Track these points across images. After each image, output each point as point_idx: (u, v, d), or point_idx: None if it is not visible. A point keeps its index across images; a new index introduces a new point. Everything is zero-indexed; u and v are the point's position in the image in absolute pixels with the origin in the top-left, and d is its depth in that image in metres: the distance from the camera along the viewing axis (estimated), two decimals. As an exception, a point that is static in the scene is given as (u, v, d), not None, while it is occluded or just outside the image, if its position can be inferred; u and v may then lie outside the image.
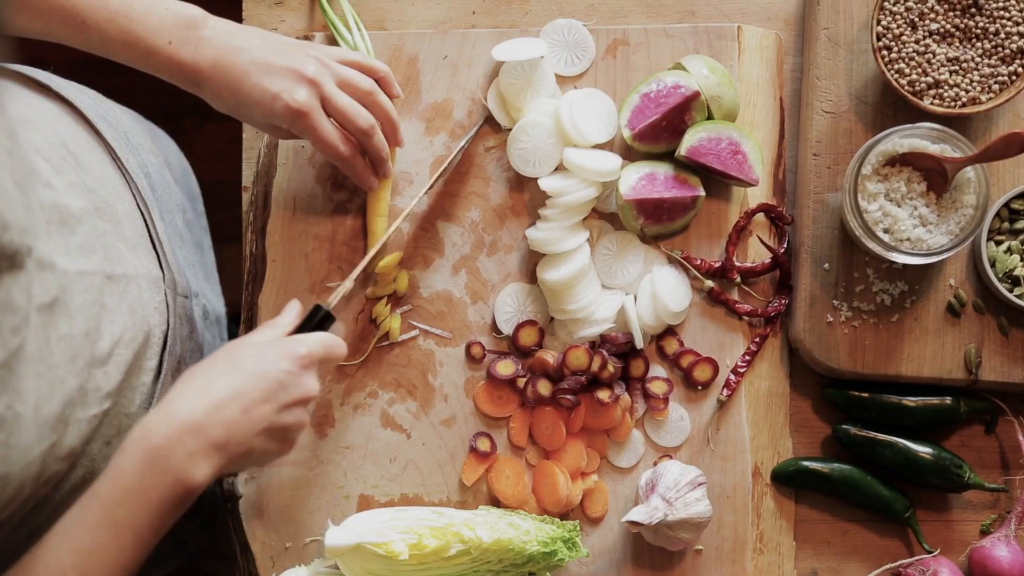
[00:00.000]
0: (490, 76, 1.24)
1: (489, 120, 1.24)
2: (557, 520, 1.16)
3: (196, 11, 1.05)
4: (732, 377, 1.20)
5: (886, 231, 1.14)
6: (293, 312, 1.05)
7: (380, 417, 1.21)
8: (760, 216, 1.23)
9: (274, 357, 0.96)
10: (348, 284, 1.10)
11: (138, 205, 1.10)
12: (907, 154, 1.13)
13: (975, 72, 1.16)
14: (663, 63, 1.24)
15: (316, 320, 1.05)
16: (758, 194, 1.24)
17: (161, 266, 1.10)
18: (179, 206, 1.29)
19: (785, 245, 1.23)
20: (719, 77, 1.19)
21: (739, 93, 1.21)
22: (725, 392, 1.20)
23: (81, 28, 1.01)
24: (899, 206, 1.14)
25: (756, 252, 1.23)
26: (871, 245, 1.13)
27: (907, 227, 1.13)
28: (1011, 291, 1.16)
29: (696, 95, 1.18)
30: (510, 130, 1.21)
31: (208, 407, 0.90)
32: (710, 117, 1.20)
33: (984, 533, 1.21)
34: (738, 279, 1.21)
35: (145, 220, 1.10)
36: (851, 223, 1.14)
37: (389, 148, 1.14)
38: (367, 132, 1.09)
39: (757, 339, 1.21)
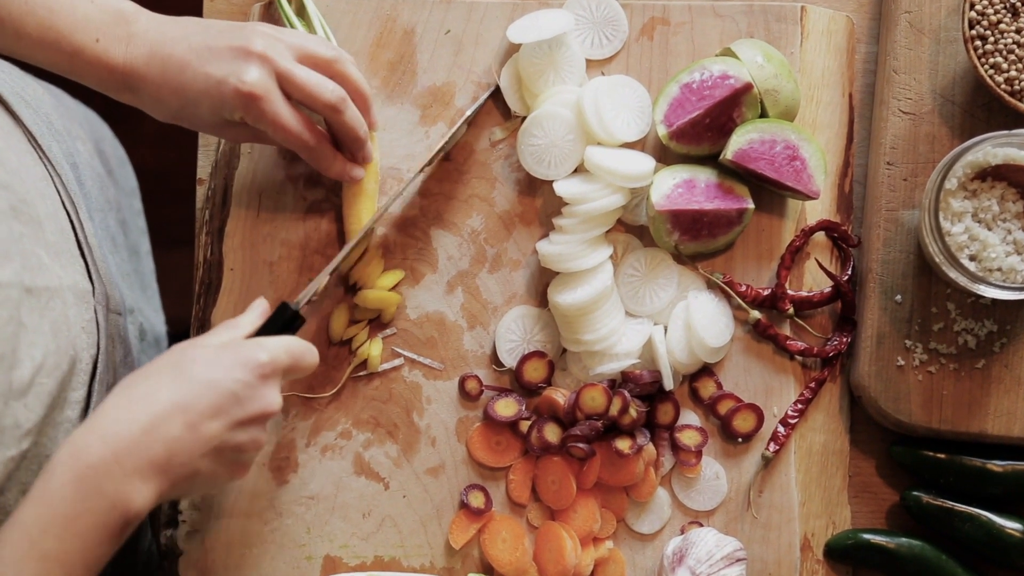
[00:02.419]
0: (501, 57, 1.21)
1: (499, 102, 1.20)
2: (562, 595, 1.12)
3: (127, 4, 1.05)
4: (780, 429, 1.17)
5: (972, 258, 1.10)
6: (258, 311, 1.04)
7: (353, 462, 1.17)
8: (820, 236, 1.20)
9: (229, 364, 0.95)
10: (323, 279, 1.08)
11: (63, 203, 1.08)
12: (1001, 166, 1.10)
13: None
14: (709, 48, 1.20)
15: (282, 321, 1.04)
16: (819, 209, 1.20)
17: (90, 277, 1.07)
18: (112, 204, 1.28)
19: (849, 272, 1.19)
20: (776, 67, 1.15)
21: (800, 87, 1.18)
22: (771, 447, 1.17)
23: None
24: (989, 229, 1.10)
25: (814, 279, 1.19)
26: (953, 275, 1.09)
27: (998, 254, 1.09)
28: (1123, 337, 1.11)
29: (748, 88, 1.14)
30: (524, 119, 1.17)
31: (147, 422, 0.90)
32: (764, 115, 1.16)
33: (1081, 629, 1.16)
34: (791, 310, 1.17)
35: (71, 221, 1.08)
36: (930, 247, 1.09)
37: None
38: (336, 106, 1.07)
39: (812, 384, 1.18)
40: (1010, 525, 1.14)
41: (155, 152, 1.54)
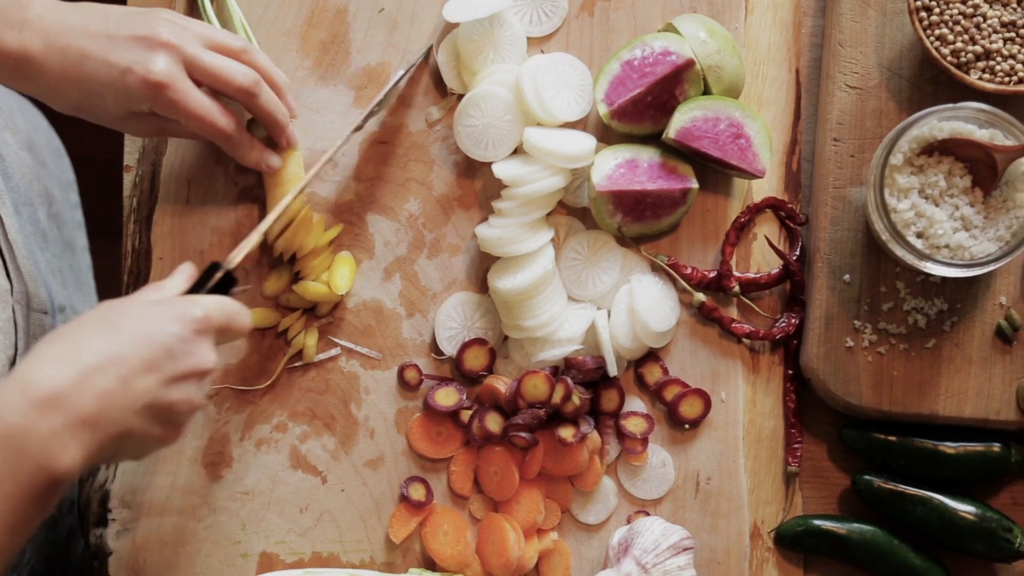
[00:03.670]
0: (438, 35, 1.19)
1: (436, 80, 1.19)
2: (506, 589, 1.12)
3: None
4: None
5: (919, 235, 1.09)
6: (185, 274, 1.02)
7: (289, 456, 1.16)
8: (768, 217, 1.19)
9: (162, 318, 0.92)
10: (254, 238, 1.06)
11: None
12: (948, 141, 1.09)
13: None
14: (652, 24, 1.20)
15: (213, 281, 1.01)
16: (766, 188, 1.20)
17: (8, 275, 1.06)
18: (43, 197, 1.26)
19: (797, 251, 1.18)
20: (719, 42, 1.14)
21: (744, 63, 1.17)
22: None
23: None
24: (936, 205, 1.10)
25: (763, 259, 1.19)
26: (900, 252, 1.08)
27: (945, 231, 1.08)
28: (1075, 313, 1.11)
29: (690, 64, 1.13)
30: (461, 98, 1.16)
31: (75, 374, 0.86)
32: (707, 92, 1.15)
33: (1038, 613, 1.17)
34: (736, 289, 1.16)
35: None
36: (877, 225, 1.09)
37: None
38: (251, 90, 1.06)
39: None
40: (963, 508, 1.14)
41: (85, 139, 1.51)
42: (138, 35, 1.01)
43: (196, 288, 1.01)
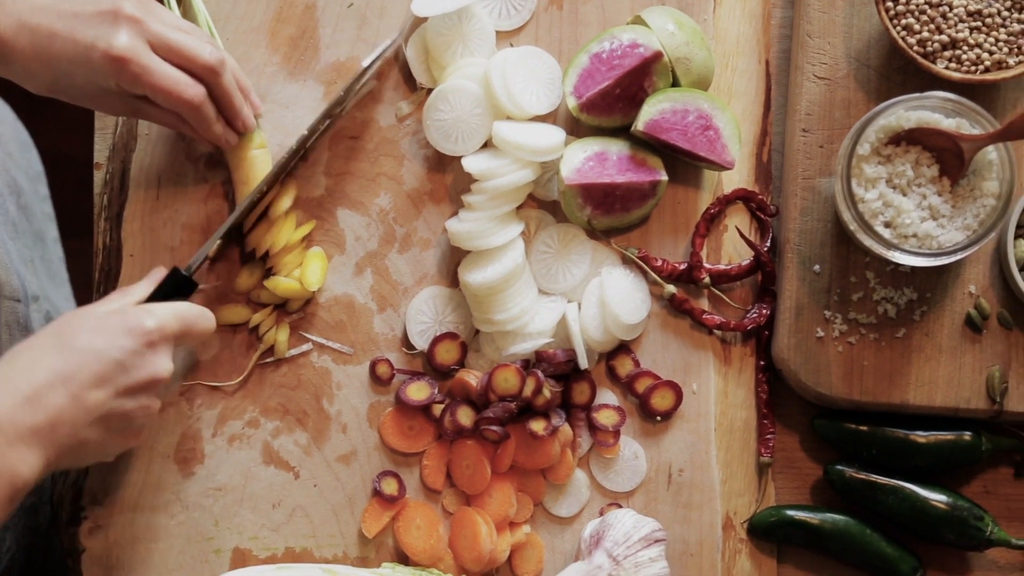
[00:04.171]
0: (407, 29, 1.19)
1: (406, 75, 1.20)
2: (479, 582, 1.12)
3: None
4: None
5: (887, 225, 1.09)
6: (154, 279, 1.05)
7: (262, 452, 1.16)
8: (740, 208, 1.19)
9: (113, 332, 0.96)
10: (213, 242, 1.08)
11: None
12: (914, 130, 1.09)
13: (1001, 29, 1.12)
14: (620, 16, 1.20)
15: (173, 287, 1.04)
16: (736, 179, 1.20)
17: None
18: (11, 188, 1.26)
19: (768, 243, 1.18)
20: (688, 34, 1.15)
21: (713, 55, 1.17)
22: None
23: None
24: (904, 194, 1.10)
25: (734, 250, 1.19)
26: (868, 242, 1.09)
27: (913, 220, 1.09)
28: (1044, 301, 1.11)
29: (658, 56, 1.14)
30: (430, 92, 1.17)
31: (28, 392, 0.91)
32: (676, 84, 1.16)
33: (1011, 601, 1.17)
34: (707, 280, 1.17)
35: None
36: (845, 215, 1.09)
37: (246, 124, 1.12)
38: (216, 68, 1.06)
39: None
40: (934, 497, 1.14)
41: (57, 138, 1.52)
42: (102, 10, 1.02)
43: (157, 293, 1.03)
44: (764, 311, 1.17)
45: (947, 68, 1.11)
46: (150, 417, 0.98)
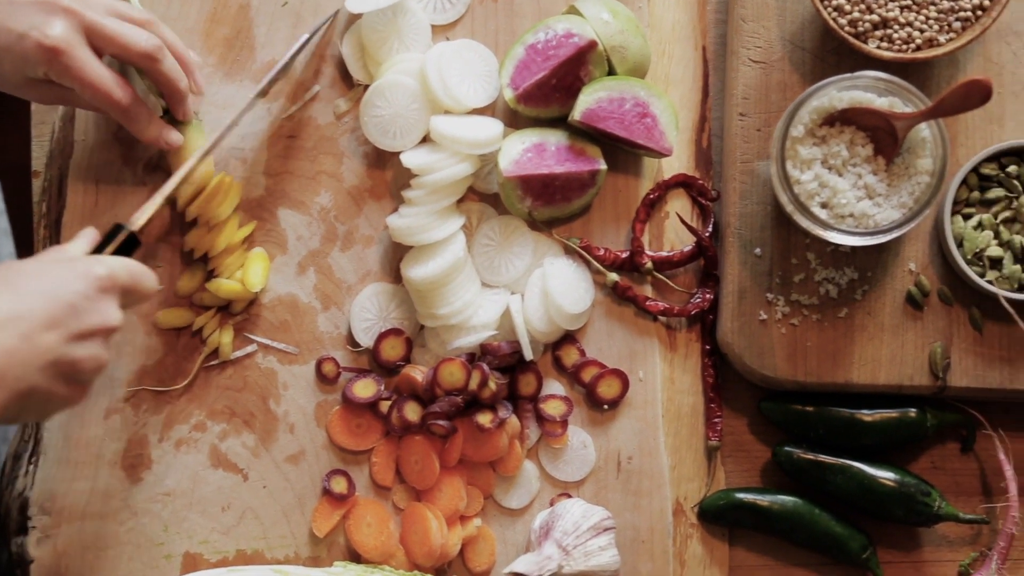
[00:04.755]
0: (342, 27, 1.19)
1: (343, 73, 1.20)
2: (431, 577, 1.11)
3: None
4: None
5: (823, 206, 1.10)
6: (87, 238, 1.03)
7: (209, 455, 1.16)
8: (681, 195, 1.20)
9: (65, 276, 0.94)
10: (158, 200, 1.07)
11: None
12: (848, 111, 1.10)
13: (931, 7, 1.13)
14: (555, 7, 1.20)
15: (117, 243, 1.02)
16: (676, 166, 1.21)
17: None
18: None
19: (710, 227, 1.19)
20: (622, 23, 1.15)
21: (649, 42, 1.18)
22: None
23: None
24: (839, 175, 1.11)
25: (676, 237, 1.20)
26: (806, 224, 1.10)
27: (849, 200, 1.10)
28: (983, 276, 1.12)
29: (592, 45, 1.14)
30: (368, 88, 1.17)
31: None
32: (612, 73, 1.16)
33: (963, 575, 1.18)
34: (649, 266, 1.17)
35: None
36: (781, 197, 1.10)
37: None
38: (153, 55, 1.05)
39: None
40: (882, 475, 1.15)
41: (8, 148, 1.50)
42: (38, 0, 1.01)
43: (99, 249, 1.01)
44: (708, 296, 1.18)
45: (879, 47, 1.12)
46: (97, 371, 0.95)
